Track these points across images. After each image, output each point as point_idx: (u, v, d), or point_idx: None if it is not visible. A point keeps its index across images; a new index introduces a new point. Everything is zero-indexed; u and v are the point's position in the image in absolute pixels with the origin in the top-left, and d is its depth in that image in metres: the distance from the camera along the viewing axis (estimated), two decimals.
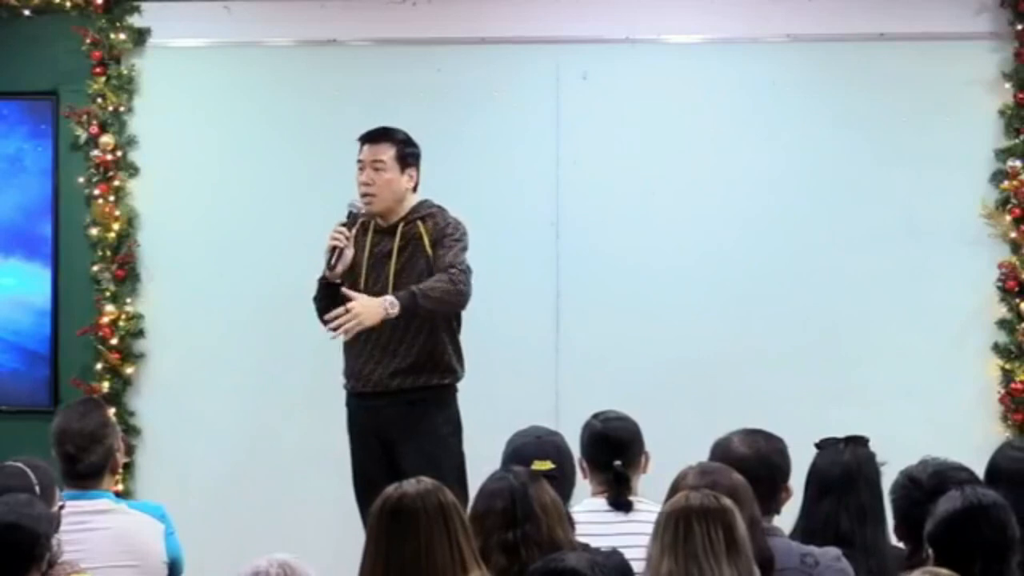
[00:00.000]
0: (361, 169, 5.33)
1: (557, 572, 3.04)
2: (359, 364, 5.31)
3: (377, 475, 5.05)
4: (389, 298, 5.11)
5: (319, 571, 5.21)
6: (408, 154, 5.36)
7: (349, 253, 5.28)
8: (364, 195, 5.31)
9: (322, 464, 6.34)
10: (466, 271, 5.23)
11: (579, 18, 6.50)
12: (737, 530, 3.20)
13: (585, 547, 3.64)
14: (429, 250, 5.26)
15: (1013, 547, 3.28)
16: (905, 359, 6.32)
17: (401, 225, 5.29)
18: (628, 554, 3.65)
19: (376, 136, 5.38)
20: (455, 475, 5.07)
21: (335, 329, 5.12)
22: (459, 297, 5.21)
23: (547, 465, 3.87)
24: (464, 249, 5.27)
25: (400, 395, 5.25)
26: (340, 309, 5.09)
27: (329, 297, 5.26)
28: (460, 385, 5.42)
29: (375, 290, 5.23)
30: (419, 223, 5.29)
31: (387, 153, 5.32)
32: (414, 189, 5.38)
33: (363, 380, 5.30)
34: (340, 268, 5.26)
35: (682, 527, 3.18)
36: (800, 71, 6.47)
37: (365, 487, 5.18)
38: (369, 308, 5.08)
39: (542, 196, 6.46)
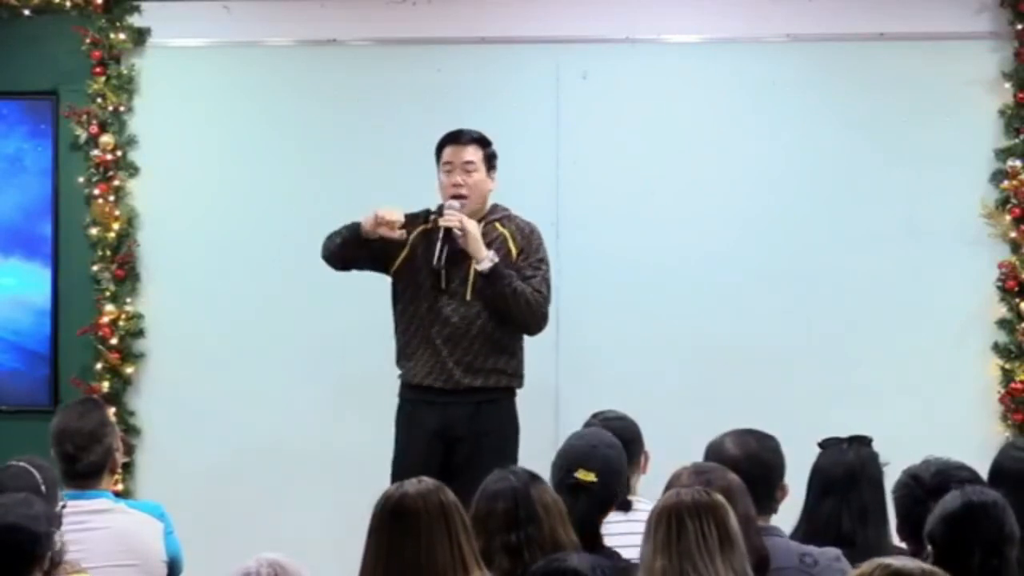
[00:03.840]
0: (449, 171, 5.36)
1: (559, 572, 3.04)
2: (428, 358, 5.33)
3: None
4: (494, 255, 5.21)
5: (319, 571, 5.20)
6: (492, 155, 5.45)
7: (396, 235, 5.28)
8: (456, 196, 5.33)
9: (322, 464, 6.35)
10: (547, 303, 5.33)
11: (579, 18, 6.50)
12: (730, 525, 3.20)
13: (615, 553, 3.65)
14: (514, 253, 5.32)
15: (1011, 544, 3.28)
16: (905, 359, 6.32)
17: (482, 225, 5.34)
18: (627, 553, 3.65)
19: (463, 138, 5.43)
20: None
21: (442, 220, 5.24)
22: (533, 322, 5.30)
23: (590, 477, 3.77)
24: (549, 283, 5.36)
25: (470, 394, 5.28)
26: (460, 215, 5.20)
27: (357, 243, 5.29)
28: None
29: (455, 288, 5.26)
30: (498, 224, 5.36)
31: (476, 155, 5.40)
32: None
33: (434, 374, 5.31)
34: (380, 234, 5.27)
35: (675, 524, 3.17)
36: (800, 71, 6.47)
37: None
38: (477, 234, 5.21)
39: (542, 196, 6.46)
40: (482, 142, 5.44)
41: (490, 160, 5.44)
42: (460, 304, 5.27)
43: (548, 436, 5.93)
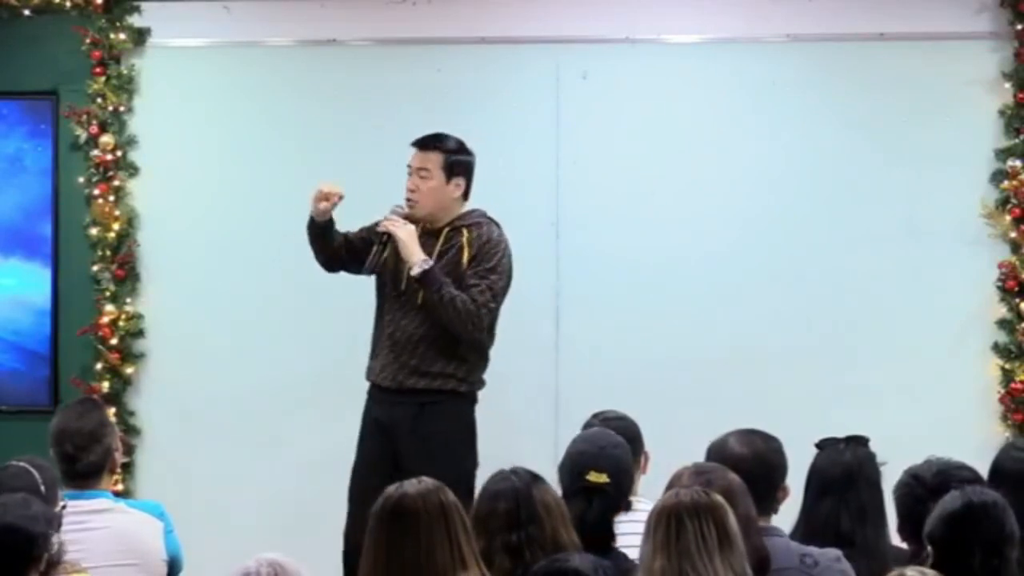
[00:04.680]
0: (409, 174, 5.37)
1: (560, 572, 3.04)
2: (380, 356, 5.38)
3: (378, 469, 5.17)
4: (429, 259, 5.20)
5: (319, 570, 5.20)
6: (456, 162, 5.38)
7: (323, 206, 5.36)
8: (408, 200, 5.36)
9: (322, 464, 6.34)
10: (488, 313, 5.27)
11: (579, 18, 6.50)
12: (729, 526, 3.20)
13: (624, 556, 3.64)
14: (466, 261, 5.28)
15: (1011, 544, 3.28)
16: (905, 359, 6.32)
17: (446, 230, 5.34)
18: (628, 554, 3.65)
19: (425, 143, 5.40)
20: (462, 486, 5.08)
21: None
22: (464, 332, 5.25)
23: (603, 479, 3.76)
24: (496, 292, 5.29)
25: (413, 395, 5.29)
26: (401, 223, 5.26)
27: (316, 234, 5.39)
28: None
29: (409, 292, 5.27)
30: (465, 230, 5.33)
31: (433, 161, 5.35)
32: (464, 196, 5.41)
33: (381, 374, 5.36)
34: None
35: (674, 524, 3.17)
36: (800, 71, 6.47)
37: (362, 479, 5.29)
38: (413, 238, 5.22)
39: (542, 196, 6.46)
40: (446, 148, 5.38)
41: (453, 167, 5.36)
42: (411, 308, 5.28)
43: (548, 436, 5.95)
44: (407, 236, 5.24)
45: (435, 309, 5.21)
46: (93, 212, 6.62)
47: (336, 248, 5.46)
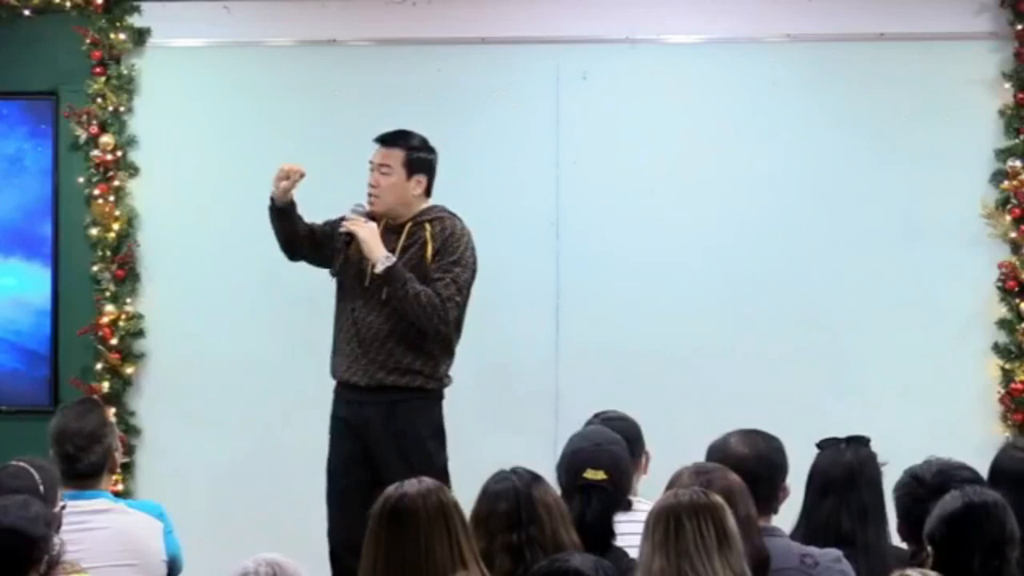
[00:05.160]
0: (371, 170, 5.38)
1: (560, 572, 3.04)
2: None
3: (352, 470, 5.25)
4: (391, 256, 5.19)
5: (319, 571, 5.21)
6: (417, 160, 5.37)
7: (283, 186, 5.41)
8: (368, 195, 5.37)
9: (322, 464, 6.33)
10: (455, 306, 5.25)
11: (579, 18, 6.50)
12: (728, 526, 3.20)
13: (624, 554, 3.64)
14: (430, 255, 5.27)
15: (1011, 545, 3.29)
16: (905, 359, 6.32)
17: (409, 225, 5.33)
18: (629, 553, 3.64)
19: (388, 139, 5.41)
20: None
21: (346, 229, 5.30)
22: (430, 326, 5.24)
23: (600, 476, 3.75)
24: (461, 286, 5.27)
25: (384, 392, 5.29)
26: (362, 221, 5.26)
27: (275, 216, 5.43)
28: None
29: (374, 288, 5.26)
30: (427, 225, 5.31)
31: (395, 158, 5.35)
32: (426, 193, 5.40)
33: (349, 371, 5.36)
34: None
35: (672, 524, 3.17)
36: (800, 71, 6.47)
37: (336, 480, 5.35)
38: (375, 236, 5.22)
39: (542, 196, 6.46)
40: (408, 146, 5.38)
41: (415, 164, 5.35)
42: (376, 304, 5.28)
43: (548, 436, 5.94)
44: (369, 234, 5.24)
45: (400, 305, 5.20)
46: (93, 212, 6.62)
47: (299, 234, 5.46)
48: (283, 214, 5.43)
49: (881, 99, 6.39)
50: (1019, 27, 6.32)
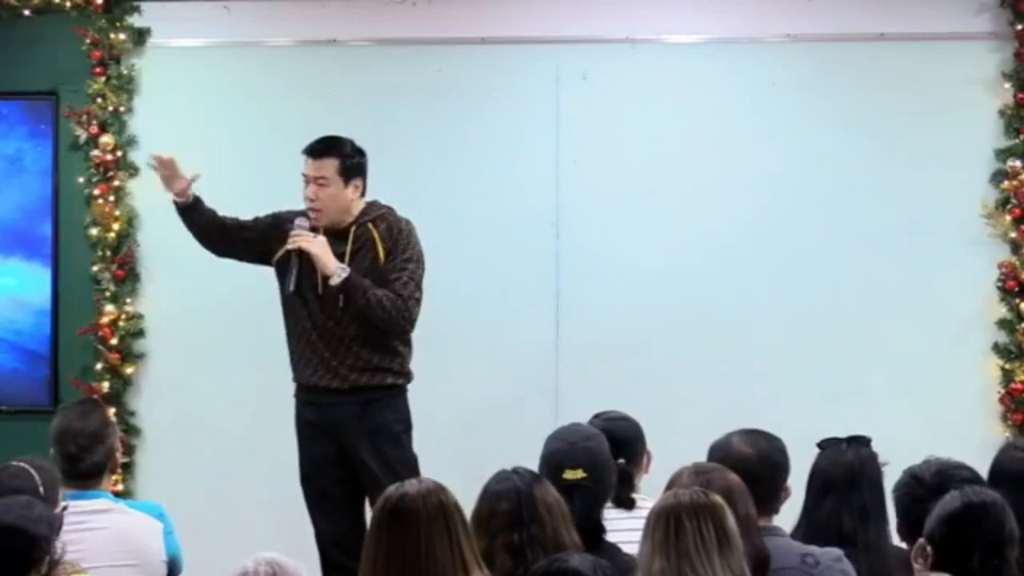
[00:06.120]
0: (306, 184, 5.30)
1: (560, 572, 3.04)
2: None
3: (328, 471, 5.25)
4: (345, 267, 5.16)
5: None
6: (351, 166, 5.30)
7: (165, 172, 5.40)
8: (310, 210, 5.30)
9: None
10: (416, 303, 5.25)
11: (579, 18, 6.50)
12: (728, 526, 3.19)
13: (617, 549, 3.64)
14: (382, 256, 5.25)
15: (1011, 544, 3.28)
16: (905, 359, 6.33)
17: (354, 228, 5.29)
18: (631, 551, 3.64)
19: (318, 151, 5.31)
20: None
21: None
22: (396, 328, 5.24)
23: (578, 475, 3.72)
24: (418, 281, 5.26)
25: (356, 393, 5.28)
26: (310, 233, 5.22)
27: (179, 213, 5.44)
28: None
29: (330, 291, 5.23)
30: (371, 225, 5.28)
31: (329, 168, 5.27)
32: (362, 195, 5.35)
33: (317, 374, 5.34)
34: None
35: (672, 525, 3.17)
36: (800, 71, 6.47)
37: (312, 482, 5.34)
38: (326, 250, 5.18)
39: (542, 196, 6.47)
40: (340, 153, 5.30)
41: (350, 171, 5.29)
42: (335, 309, 5.24)
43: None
44: (319, 249, 5.19)
45: (363, 312, 5.19)
46: (93, 212, 6.62)
47: (214, 231, 5.43)
48: (186, 211, 5.41)
49: (881, 99, 6.40)
50: (1019, 27, 6.32)
